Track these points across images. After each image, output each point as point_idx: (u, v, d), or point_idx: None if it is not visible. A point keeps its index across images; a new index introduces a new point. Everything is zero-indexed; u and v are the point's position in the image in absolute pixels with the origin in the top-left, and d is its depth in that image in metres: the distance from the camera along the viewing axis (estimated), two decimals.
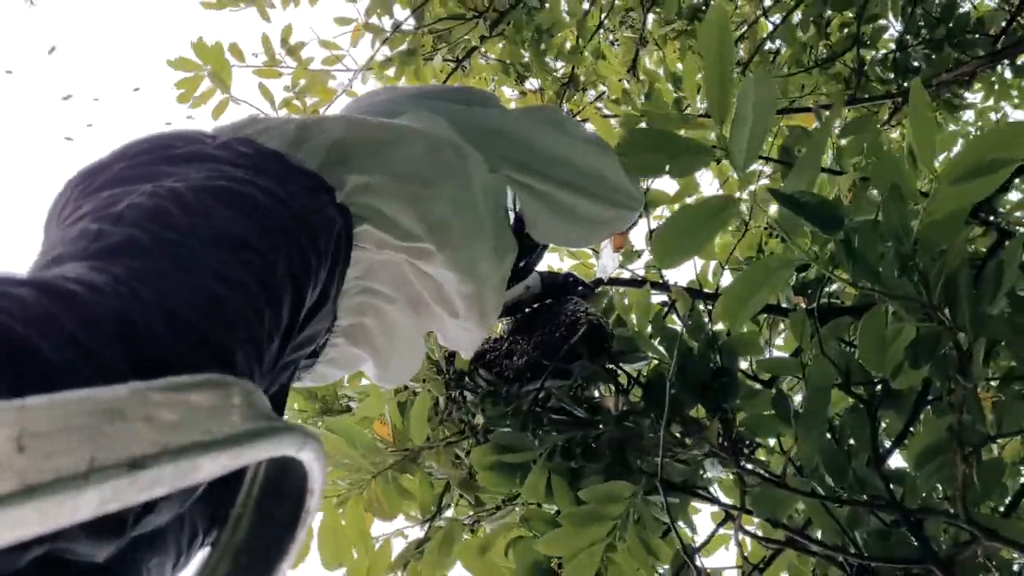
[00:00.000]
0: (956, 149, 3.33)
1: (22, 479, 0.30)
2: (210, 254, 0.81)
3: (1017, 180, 2.04)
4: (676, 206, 2.19)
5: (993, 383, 1.16)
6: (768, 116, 0.91)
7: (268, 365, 0.88)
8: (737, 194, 0.98)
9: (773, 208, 1.66)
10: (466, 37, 3.66)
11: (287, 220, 0.95)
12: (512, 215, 1.60)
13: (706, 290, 2.03)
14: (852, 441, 1.12)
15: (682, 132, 0.99)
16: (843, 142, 1.72)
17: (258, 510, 0.48)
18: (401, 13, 3.68)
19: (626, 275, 2.09)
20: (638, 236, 4.04)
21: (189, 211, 0.85)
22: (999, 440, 1.11)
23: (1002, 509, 1.14)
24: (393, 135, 1.25)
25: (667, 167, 0.95)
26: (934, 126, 0.92)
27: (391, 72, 3.70)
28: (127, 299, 0.69)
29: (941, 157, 3.33)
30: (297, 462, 0.45)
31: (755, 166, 2.37)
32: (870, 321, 0.99)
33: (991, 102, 3.27)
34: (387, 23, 3.68)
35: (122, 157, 0.98)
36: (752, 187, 2.25)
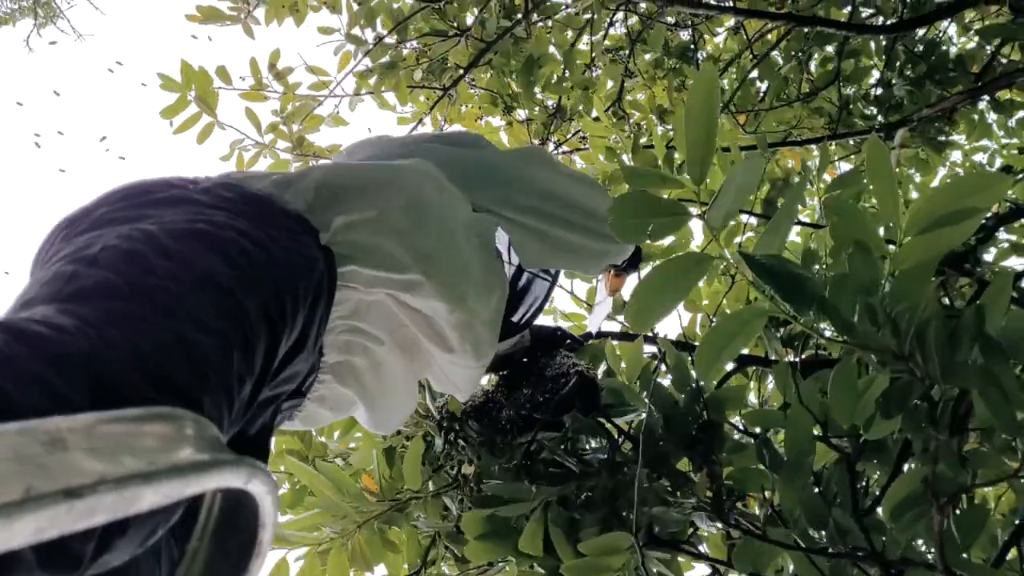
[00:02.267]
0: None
1: None
2: (183, 297, 0.82)
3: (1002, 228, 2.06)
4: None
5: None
6: (751, 191, 0.92)
7: (239, 407, 0.88)
8: (717, 252, 0.99)
9: None
10: (449, 57, 3.68)
11: (265, 263, 0.95)
12: (506, 258, 1.61)
13: (695, 342, 2.03)
14: (837, 491, 1.11)
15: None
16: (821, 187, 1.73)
17: (213, 544, 0.48)
18: (384, 27, 3.71)
19: (612, 326, 2.09)
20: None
21: (164, 254, 0.85)
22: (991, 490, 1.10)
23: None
24: (378, 175, 1.26)
25: (650, 232, 0.96)
26: (894, 181, 0.93)
27: (372, 82, 3.72)
28: (94, 341, 0.70)
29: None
30: (250, 496, 0.45)
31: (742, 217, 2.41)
32: (841, 372, 0.99)
33: (976, 141, 3.31)
34: (370, 36, 3.71)
35: (104, 202, 0.98)
36: (738, 239, 2.28)
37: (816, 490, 1.13)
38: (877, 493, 1.16)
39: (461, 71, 3.72)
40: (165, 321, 0.78)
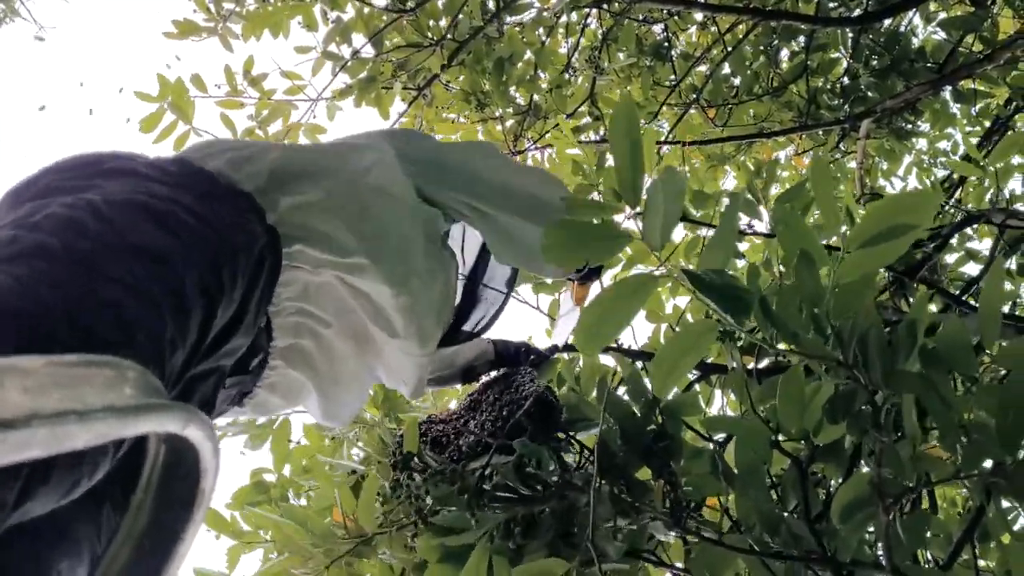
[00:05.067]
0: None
1: None
2: (118, 262, 0.85)
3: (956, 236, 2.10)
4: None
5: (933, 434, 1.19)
6: (678, 204, 0.96)
7: (171, 374, 0.91)
8: (655, 271, 1.02)
9: None
10: (425, 65, 3.70)
11: (203, 236, 0.98)
12: (460, 260, 1.64)
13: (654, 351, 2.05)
14: (795, 496, 1.14)
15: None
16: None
17: (156, 495, 0.49)
18: (359, 41, 3.73)
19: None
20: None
21: (102, 221, 0.88)
22: None
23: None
24: (329, 159, 1.30)
25: (586, 255, 0.99)
26: (834, 198, 0.97)
27: (351, 99, 3.75)
28: (25, 297, 0.73)
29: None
30: (190, 445, 0.46)
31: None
32: (788, 380, 1.03)
33: (940, 131, 3.35)
34: (346, 51, 3.73)
35: (50, 172, 1.01)
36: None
37: (774, 495, 1.17)
38: (828, 496, 1.20)
39: (435, 72, 3.74)
40: (97, 283, 0.81)
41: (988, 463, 1.02)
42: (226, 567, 1.66)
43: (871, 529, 1.18)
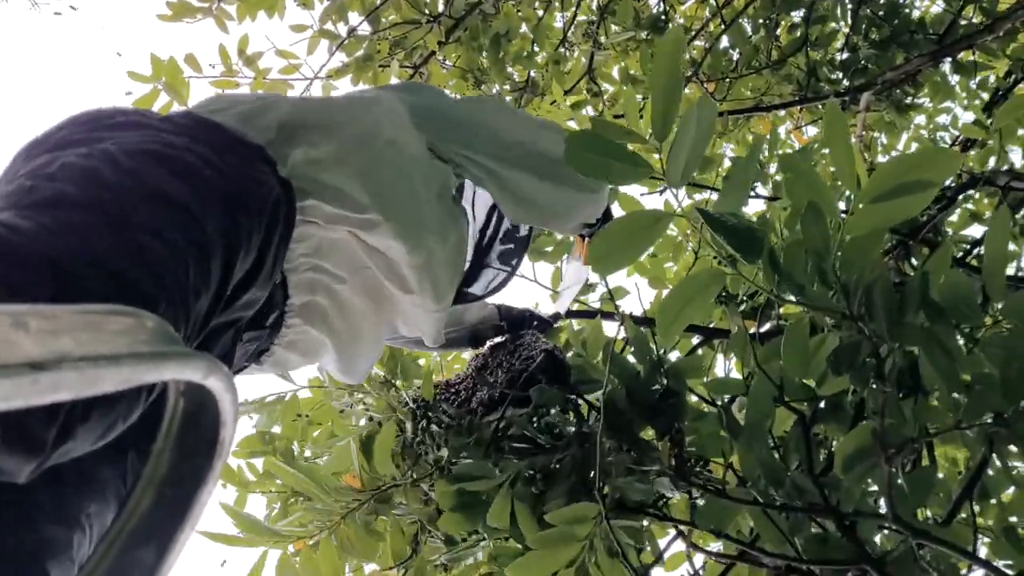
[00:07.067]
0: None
1: None
2: (137, 209, 0.86)
3: (960, 198, 2.09)
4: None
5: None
6: (706, 141, 0.94)
7: (195, 322, 0.92)
8: (676, 209, 1.01)
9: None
10: (422, 42, 3.68)
11: (220, 185, 0.99)
12: (471, 216, 1.63)
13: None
14: (798, 454, 1.15)
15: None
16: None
17: (177, 444, 0.50)
18: (356, 19, 3.72)
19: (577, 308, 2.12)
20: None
21: (119, 169, 0.89)
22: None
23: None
24: (340, 114, 1.29)
25: (608, 172, 0.98)
26: (851, 147, 0.96)
27: (348, 79, 3.74)
28: (53, 244, 0.74)
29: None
30: (211, 396, 0.47)
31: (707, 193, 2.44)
32: (794, 332, 1.03)
33: (940, 103, 3.34)
34: (342, 29, 3.72)
35: (65, 126, 1.02)
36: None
37: (777, 454, 1.17)
38: (831, 455, 1.20)
39: (432, 50, 3.73)
40: (119, 230, 0.82)
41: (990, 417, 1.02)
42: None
43: (875, 488, 1.19)
